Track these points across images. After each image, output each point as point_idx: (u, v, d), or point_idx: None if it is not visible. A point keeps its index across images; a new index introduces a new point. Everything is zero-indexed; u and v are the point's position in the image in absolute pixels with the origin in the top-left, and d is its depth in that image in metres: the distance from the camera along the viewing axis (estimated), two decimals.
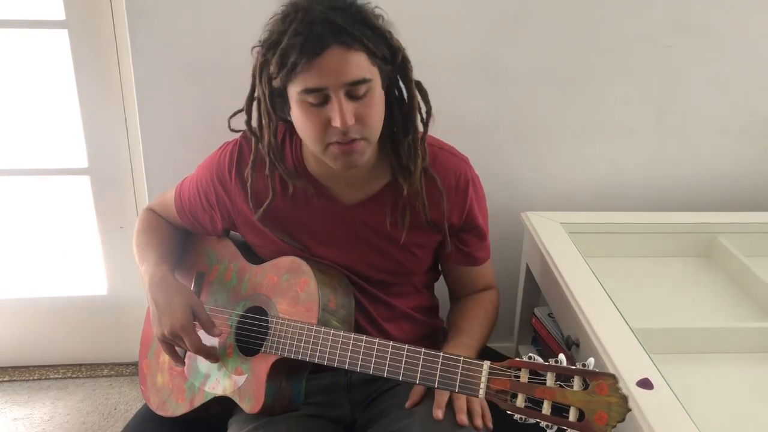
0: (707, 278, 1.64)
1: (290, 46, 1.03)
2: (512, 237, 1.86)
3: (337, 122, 1.05)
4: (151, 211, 1.43)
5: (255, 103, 1.15)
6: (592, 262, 1.52)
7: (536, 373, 0.93)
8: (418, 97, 1.18)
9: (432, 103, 1.75)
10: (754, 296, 1.54)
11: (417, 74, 1.73)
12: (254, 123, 1.17)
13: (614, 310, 1.35)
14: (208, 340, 1.26)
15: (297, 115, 1.10)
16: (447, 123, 1.77)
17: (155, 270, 1.27)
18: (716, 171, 1.91)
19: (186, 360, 1.31)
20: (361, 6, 1.09)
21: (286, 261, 1.24)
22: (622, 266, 1.67)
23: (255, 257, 1.32)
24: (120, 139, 1.89)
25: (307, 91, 1.05)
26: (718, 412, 1.19)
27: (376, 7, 1.10)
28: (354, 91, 1.06)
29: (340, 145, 1.09)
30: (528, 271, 1.76)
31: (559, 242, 1.61)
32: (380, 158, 1.21)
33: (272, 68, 1.06)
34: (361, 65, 1.05)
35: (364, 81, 1.06)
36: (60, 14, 1.74)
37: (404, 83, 1.16)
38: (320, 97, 1.06)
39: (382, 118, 1.13)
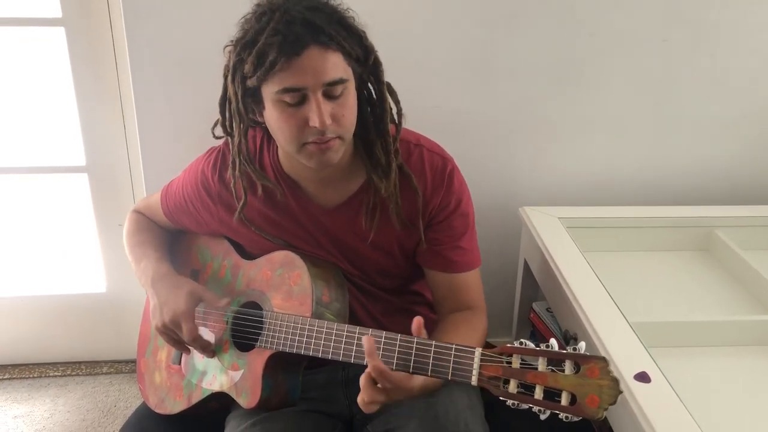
0: (705, 272, 1.64)
1: (268, 45, 1.03)
2: (510, 232, 1.87)
3: (315, 122, 1.05)
4: (139, 213, 1.45)
5: (226, 104, 1.15)
6: (590, 256, 1.52)
7: (528, 358, 0.93)
8: (389, 99, 1.18)
9: (429, 99, 1.77)
10: (751, 290, 1.54)
11: (414, 71, 1.73)
12: (226, 123, 1.18)
13: (612, 305, 1.35)
14: (205, 334, 1.27)
15: (272, 115, 1.10)
16: (444, 119, 1.79)
17: (158, 266, 1.30)
18: (714, 165, 1.91)
19: (183, 358, 1.32)
20: (336, 6, 1.09)
21: (280, 255, 1.24)
22: (619, 260, 1.67)
23: (249, 253, 1.32)
24: (117, 136, 1.89)
25: (285, 90, 1.05)
26: (716, 406, 1.19)
27: (348, 8, 1.11)
28: (331, 91, 1.06)
29: (316, 144, 1.09)
30: (526, 266, 1.77)
31: (557, 237, 1.61)
32: (355, 157, 1.21)
33: (247, 67, 1.06)
34: (338, 65, 1.06)
35: (341, 81, 1.06)
36: (57, 12, 1.74)
37: (376, 84, 1.16)
38: (297, 97, 1.06)
39: (356, 117, 1.13)
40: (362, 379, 1.02)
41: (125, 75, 1.76)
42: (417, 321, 1.03)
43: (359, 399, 1.03)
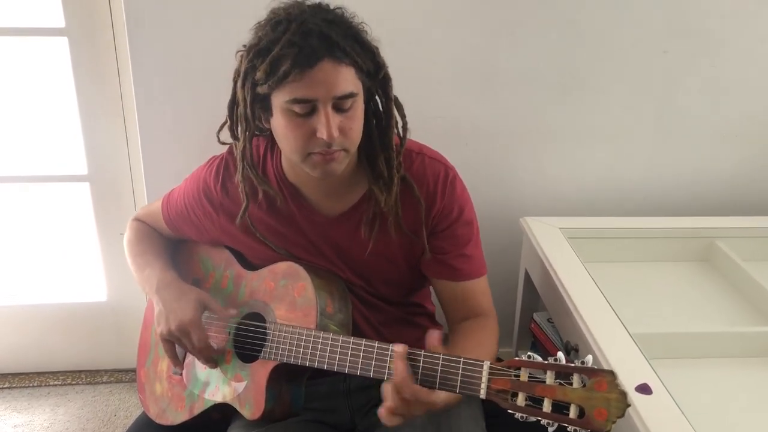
0: (705, 283, 1.65)
1: (282, 56, 1.03)
2: (511, 242, 1.87)
3: (323, 134, 1.06)
4: (140, 222, 1.45)
5: (234, 107, 1.16)
6: (591, 267, 1.52)
7: (536, 372, 0.94)
8: (396, 114, 1.18)
9: (431, 108, 1.78)
10: (752, 300, 1.54)
11: (415, 80, 1.74)
12: (234, 127, 1.18)
13: (613, 315, 1.35)
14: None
15: (280, 123, 1.10)
16: (445, 128, 1.80)
17: (163, 273, 1.30)
18: (714, 175, 1.91)
19: (184, 367, 1.32)
20: (351, 21, 1.10)
21: (283, 266, 1.25)
22: (620, 271, 1.67)
23: (251, 264, 1.32)
24: (120, 146, 1.89)
25: (295, 101, 1.05)
26: (717, 417, 1.19)
27: (361, 22, 1.11)
28: (341, 104, 1.07)
29: (321, 155, 1.10)
30: (527, 277, 1.77)
31: (557, 247, 1.61)
32: (358, 168, 1.22)
33: (259, 75, 1.06)
34: (349, 80, 1.07)
35: (351, 95, 1.07)
36: (60, 22, 1.75)
37: (384, 100, 1.17)
38: (307, 108, 1.06)
39: (362, 130, 1.14)
40: (386, 387, 1.02)
41: (127, 84, 1.77)
42: (431, 336, 1.04)
43: (383, 408, 1.01)
